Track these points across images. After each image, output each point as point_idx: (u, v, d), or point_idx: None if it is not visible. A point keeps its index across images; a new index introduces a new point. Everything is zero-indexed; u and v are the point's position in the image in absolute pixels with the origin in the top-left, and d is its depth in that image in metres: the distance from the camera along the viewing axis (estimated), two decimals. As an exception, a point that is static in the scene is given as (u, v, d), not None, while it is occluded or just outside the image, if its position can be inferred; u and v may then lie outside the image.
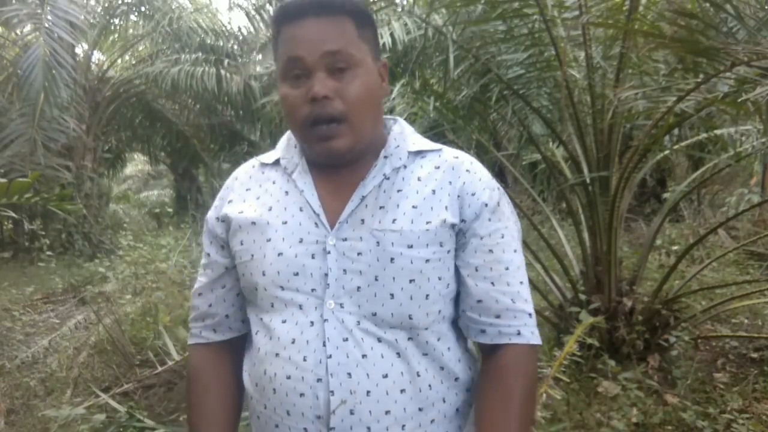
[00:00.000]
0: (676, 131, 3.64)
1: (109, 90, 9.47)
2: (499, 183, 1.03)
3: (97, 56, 10.02)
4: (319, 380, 0.88)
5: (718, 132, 3.64)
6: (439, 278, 0.91)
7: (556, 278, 3.66)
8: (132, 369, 3.65)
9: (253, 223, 0.95)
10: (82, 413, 2.51)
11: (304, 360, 0.89)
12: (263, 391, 0.93)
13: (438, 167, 0.95)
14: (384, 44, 3.92)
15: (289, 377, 0.90)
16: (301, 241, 0.91)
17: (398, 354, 0.90)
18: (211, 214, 1.03)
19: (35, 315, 5.19)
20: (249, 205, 0.97)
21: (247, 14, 9.65)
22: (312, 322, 0.89)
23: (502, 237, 0.94)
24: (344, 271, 0.89)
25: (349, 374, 0.88)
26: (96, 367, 3.73)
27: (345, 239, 0.90)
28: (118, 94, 9.65)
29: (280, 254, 0.91)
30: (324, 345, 0.88)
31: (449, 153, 0.98)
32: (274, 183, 0.98)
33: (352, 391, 0.87)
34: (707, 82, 2.43)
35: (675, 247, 5.33)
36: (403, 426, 0.90)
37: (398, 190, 0.93)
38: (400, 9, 4.30)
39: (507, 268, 0.94)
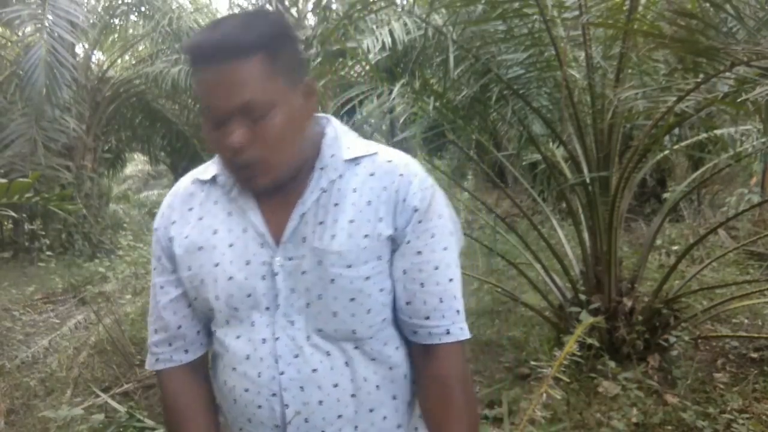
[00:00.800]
0: (676, 131, 3.64)
1: (109, 90, 9.47)
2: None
3: (97, 56, 10.03)
4: (273, 395, 0.93)
5: (718, 132, 3.63)
6: (381, 290, 0.94)
7: (556, 278, 3.66)
8: (132, 369, 3.65)
9: (200, 248, 0.95)
10: (82, 413, 2.51)
11: (259, 376, 0.93)
12: (225, 400, 1.00)
13: (372, 174, 0.94)
14: (384, 44, 3.91)
15: (246, 390, 0.95)
16: (248, 263, 0.93)
17: (346, 363, 0.94)
18: (160, 230, 1.01)
19: (35, 315, 5.19)
20: (193, 228, 0.97)
21: (247, 14, 9.65)
22: (264, 340, 0.93)
23: (432, 236, 0.94)
24: (292, 290, 0.92)
25: (302, 388, 0.93)
26: (96, 367, 3.73)
27: (290, 258, 0.92)
28: (118, 94, 9.65)
29: (230, 278, 0.93)
30: (276, 362, 0.93)
31: (383, 156, 0.95)
32: (216, 203, 0.98)
33: (305, 402, 0.93)
34: (707, 82, 2.43)
35: (675, 247, 5.33)
36: (356, 426, 0.96)
37: (335, 204, 0.92)
38: (400, 9, 4.29)
39: (436, 268, 0.94)
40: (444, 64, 3.39)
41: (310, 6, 10.42)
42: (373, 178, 0.94)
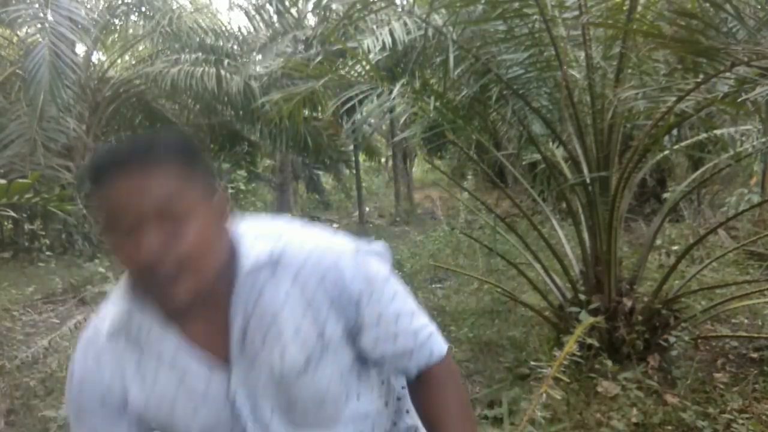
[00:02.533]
0: (676, 131, 3.64)
1: (109, 90, 9.47)
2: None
3: (97, 56, 10.03)
4: None
5: (718, 132, 3.64)
6: (341, 375, 0.94)
7: (556, 278, 3.66)
8: (132, 369, 3.65)
9: (147, 401, 0.90)
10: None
11: None
12: None
13: (296, 275, 0.89)
14: (384, 44, 3.91)
15: None
16: (205, 396, 0.89)
17: None
18: (94, 382, 0.90)
19: (35, 315, 5.19)
20: (138, 388, 0.89)
21: (247, 14, 9.67)
22: None
23: (380, 300, 0.93)
24: (254, 407, 0.90)
25: None
26: (96, 367, 3.73)
27: (245, 379, 0.89)
28: (118, 94, 9.65)
29: (192, 418, 0.90)
30: None
31: (295, 248, 0.89)
32: (142, 351, 0.89)
33: None
34: (707, 82, 2.43)
35: (675, 247, 5.33)
36: None
37: (272, 314, 0.87)
38: (400, 9, 4.29)
39: (397, 317, 0.95)
40: (444, 64, 3.40)
41: (310, 6, 10.43)
42: (302, 273, 0.89)
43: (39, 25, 6.80)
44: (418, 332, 0.98)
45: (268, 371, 0.88)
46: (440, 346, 1.00)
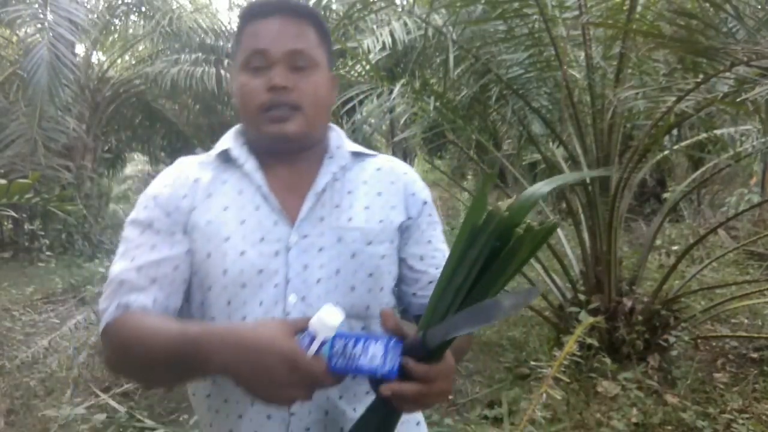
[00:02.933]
0: (676, 131, 3.64)
1: (109, 90, 9.47)
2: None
3: (97, 56, 10.03)
4: None
5: (718, 132, 3.64)
6: (389, 272, 1.00)
7: (556, 278, 3.66)
8: (132, 369, 3.65)
9: (209, 222, 0.94)
10: (82, 413, 2.52)
11: None
12: (223, 385, 0.94)
13: (379, 169, 1.04)
14: (384, 44, 3.91)
15: None
16: (262, 239, 0.93)
17: None
18: (163, 198, 0.95)
19: (35, 315, 5.19)
20: (201, 203, 0.95)
21: (247, 14, 9.65)
22: (273, 318, 0.91)
23: (435, 229, 1.06)
24: (305, 266, 0.93)
25: None
26: (96, 367, 3.73)
27: (306, 236, 0.94)
28: (118, 94, 9.65)
29: (242, 253, 0.92)
30: None
31: (385, 157, 1.07)
32: (225, 183, 0.98)
33: None
34: (707, 82, 2.43)
35: (675, 247, 5.33)
36: (354, 408, 0.96)
37: (348, 192, 0.99)
38: (400, 9, 4.29)
39: (444, 255, 1.04)
40: (444, 64, 3.40)
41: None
42: (380, 173, 1.03)
43: (38, 26, 6.80)
44: None
45: (330, 234, 0.95)
46: None
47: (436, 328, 0.74)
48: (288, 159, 0.99)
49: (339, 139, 1.04)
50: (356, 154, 1.04)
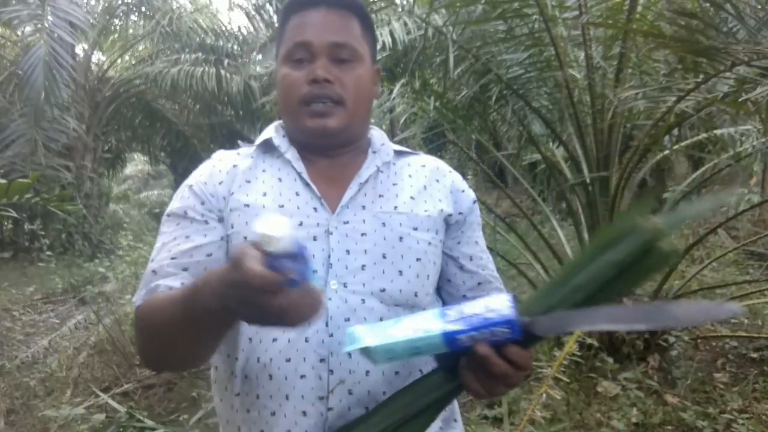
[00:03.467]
0: (676, 131, 3.64)
1: (109, 90, 9.47)
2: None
3: (97, 56, 10.03)
4: (321, 360, 0.88)
5: (718, 132, 3.64)
6: (434, 263, 0.97)
7: (556, 278, 3.65)
8: (132, 369, 3.66)
9: (247, 205, 0.92)
10: (82, 413, 2.52)
11: (306, 341, 0.88)
12: (256, 381, 0.90)
13: (424, 166, 1.03)
14: (384, 44, 3.92)
15: (289, 360, 0.88)
16: (301, 224, 0.91)
17: None
18: (200, 185, 0.95)
19: (35, 315, 5.19)
20: (239, 188, 0.94)
21: (247, 14, 9.65)
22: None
23: (481, 231, 1.05)
24: (347, 251, 0.90)
25: (349, 354, 0.87)
26: (96, 367, 3.73)
27: (347, 222, 0.92)
28: (118, 94, 9.65)
29: None
30: (326, 325, 0.88)
31: (429, 157, 1.06)
32: (264, 171, 0.97)
33: (351, 370, 0.88)
34: (707, 82, 2.43)
35: (675, 247, 5.32)
36: (384, 392, 0.93)
37: (393, 184, 0.98)
38: (400, 9, 4.29)
39: (489, 258, 1.05)
40: (444, 64, 3.40)
41: (310, 6, 10.40)
42: (424, 169, 1.02)
43: (36, 25, 6.80)
44: (499, 281, 1.05)
45: (373, 220, 0.92)
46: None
47: (547, 318, 0.71)
48: (329, 153, 0.98)
49: (382, 137, 1.04)
50: (400, 153, 1.04)
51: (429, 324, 0.72)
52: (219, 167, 0.98)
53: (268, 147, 1.00)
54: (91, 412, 2.60)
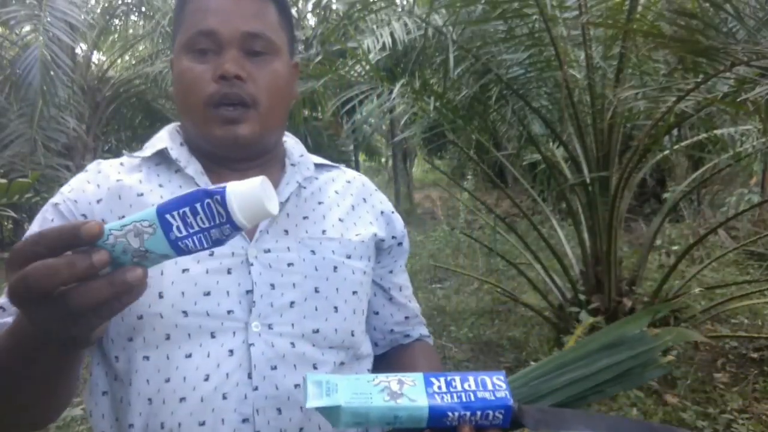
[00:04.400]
0: (676, 131, 3.64)
1: (109, 90, 9.47)
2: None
3: (97, 56, 10.04)
4: (245, 420, 0.72)
5: (718, 132, 3.64)
6: (367, 294, 0.86)
7: (556, 278, 3.66)
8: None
9: None
10: (82, 413, 2.51)
11: (224, 398, 0.71)
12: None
13: (349, 182, 0.91)
14: (384, 44, 3.91)
15: (203, 424, 0.71)
16: (212, 254, 0.74)
17: None
18: (69, 203, 0.77)
19: (35, 315, 5.19)
20: (130, 208, 0.77)
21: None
22: (231, 351, 0.72)
23: (404, 257, 0.95)
24: (272, 285, 0.75)
25: (279, 410, 0.73)
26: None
27: (268, 250, 0.77)
28: (118, 94, 9.65)
29: (184, 270, 0.73)
30: (249, 376, 0.72)
31: (352, 171, 0.94)
32: (161, 186, 0.79)
33: (282, 430, 0.73)
34: (707, 82, 2.43)
35: (675, 247, 5.33)
36: None
37: (319, 203, 0.85)
38: (400, 9, 4.29)
39: (410, 285, 0.98)
40: (444, 64, 3.40)
41: (310, 6, 10.43)
42: (350, 186, 0.91)
43: (36, 24, 6.80)
44: (418, 313, 0.99)
45: (299, 247, 0.79)
46: (429, 335, 1.01)
47: (538, 410, 0.63)
48: (238, 167, 0.82)
49: (299, 146, 0.90)
50: (320, 166, 0.90)
51: (412, 392, 0.61)
52: (98, 181, 0.80)
53: (162, 158, 0.83)
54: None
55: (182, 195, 0.49)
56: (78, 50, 9.09)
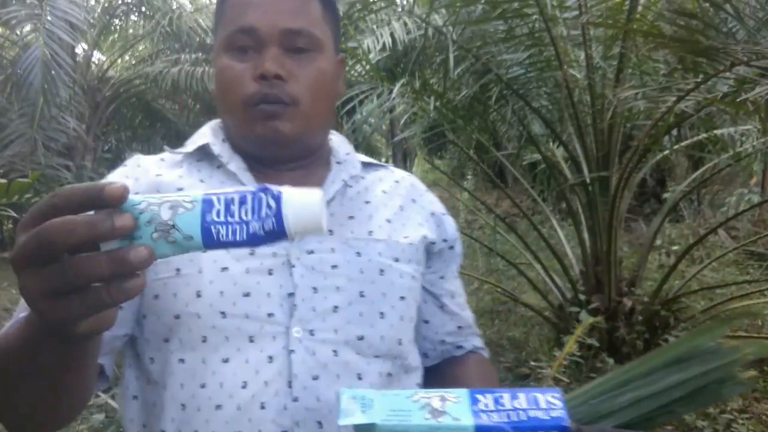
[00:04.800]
0: (676, 131, 3.64)
1: (109, 90, 9.48)
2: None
3: (97, 56, 10.04)
4: None
5: (718, 132, 3.64)
6: (416, 301, 0.80)
7: (556, 278, 3.66)
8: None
9: None
10: (82, 413, 2.51)
11: (262, 408, 0.68)
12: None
13: (398, 182, 0.87)
14: (384, 44, 3.92)
15: None
16: (252, 253, 0.71)
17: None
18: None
19: (35, 315, 5.19)
20: None
21: (247, 14, 9.65)
22: (271, 357, 0.69)
23: (456, 262, 0.90)
24: (314, 289, 0.72)
25: (320, 423, 0.68)
26: (96, 367, 3.73)
27: (311, 251, 0.73)
28: (118, 94, 9.66)
29: (224, 269, 0.70)
30: (289, 386, 0.68)
31: (401, 171, 0.90)
32: (202, 181, 0.76)
33: None
34: (707, 82, 2.43)
35: (675, 247, 5.33)
36: None
37: (365, 202, 0.81)
38: (400, 9, 4.30)
39: (463, 292, 0.91)
40: (444, 64, 3.40)
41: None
42: (399, 186, 0.86)
43: (36, 24, 6.81)
44: (473, 322, 0.92)
45: (345, 249, 0.75)
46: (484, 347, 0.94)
47: (599, 431, 0.58)
48: (281, 165, 0.79)
49: (346, 145, 0.87)
50: (368, 165, 0.86)
51: (455, 410, 0.55)
52: (136, 175, 0.77)
53: (203, 154, 0.80)
54: (90, 411, 2.59)
55: (237, 188, 0.45)
56: (78, 50, 9.10)
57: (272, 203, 0.43)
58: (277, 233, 0.44)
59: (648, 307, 3.30)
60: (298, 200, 0.44)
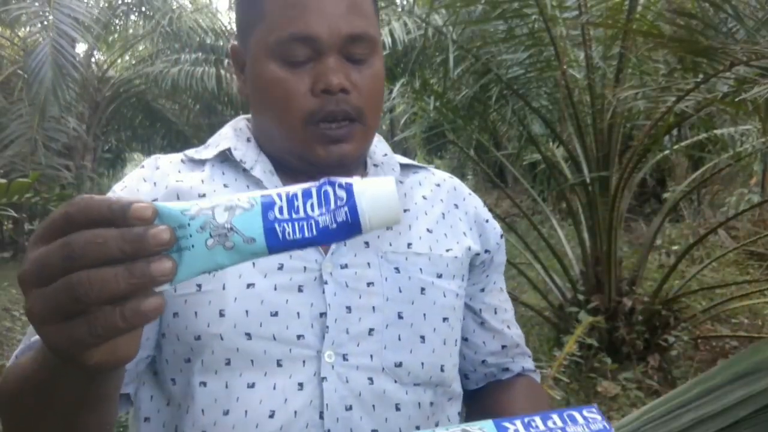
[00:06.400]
0: (676, 131, 3.64)
1: (109, 90, 9.48)
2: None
3: (97, 56, 10.04)
4: None
5: (718, 132, 3.64)
6: (460, 321, 0.73)
7: (556, 278, 3.66)
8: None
9: None
10: None
11: None
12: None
13: (438, 186, 0.78)
14: (384, 44, 3.92)
15: None
16: (281, 267, 0.64)
17: (417, 428, 0.66)
18: (126, 197, 0.57)
19: (35, 315, 5.18)
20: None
21: (247, 14, 9.65)
22: (301, 385, 0.63)
23: (503, 276, 0.82)
24: (348, 308, 0.65)
25: None
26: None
27: (345, 266, 0.66)
28: (118, 94, 9.66)
29: (249, 285, 0.63)
30: (321, 416, 0.62)
31: (441, 173, 0.82)
32: (226, 186, 0.69)
33: None
34: (707, 82, 2.43)
35: (675, 247, 5.33)
36: None
37: (405, 209, 0.73)
38: (400, 9, 4.30)
39: (512, 309, 0.83)
40: (444, 64, 3.40)
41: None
42: (440, 190, 0.78)
43: (41, 24, 6.81)
44: (523, 342, 0.83)
45: (382, 264, 0.67)
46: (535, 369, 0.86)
47: None
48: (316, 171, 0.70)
49: (383, 144, 0.78)
50: (406, 167, 0.78)
51: None
52: (154, 179, 0.70)
53: (227, 156, 0.72)
54: None
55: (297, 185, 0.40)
56: (78, 50, 9.10)
57: (342, 194, 0.39)
58: (350, 225, 0.39)
59: (648, 306, 3.31)
60: (371, 189, 0.39)
